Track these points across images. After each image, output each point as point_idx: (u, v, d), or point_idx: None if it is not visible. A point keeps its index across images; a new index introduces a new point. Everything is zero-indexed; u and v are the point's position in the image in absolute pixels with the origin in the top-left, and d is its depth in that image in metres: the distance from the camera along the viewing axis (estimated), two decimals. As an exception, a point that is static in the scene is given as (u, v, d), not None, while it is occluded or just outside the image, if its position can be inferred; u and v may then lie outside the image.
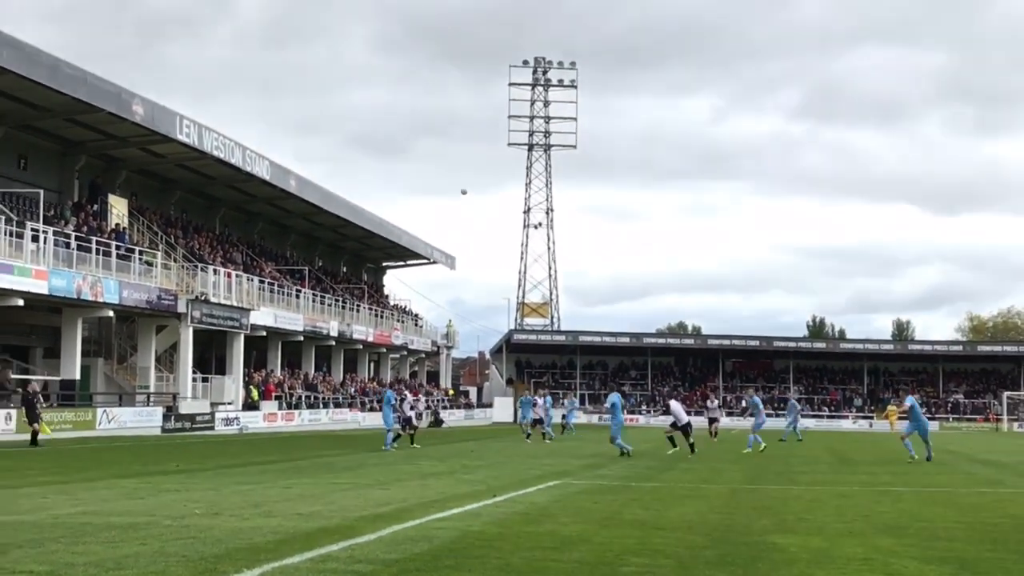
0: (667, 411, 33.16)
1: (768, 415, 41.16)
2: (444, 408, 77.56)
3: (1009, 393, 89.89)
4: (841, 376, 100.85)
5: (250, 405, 56.09)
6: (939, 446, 37.97)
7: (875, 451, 37.54)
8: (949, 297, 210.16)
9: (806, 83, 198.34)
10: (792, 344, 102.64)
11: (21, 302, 41.19)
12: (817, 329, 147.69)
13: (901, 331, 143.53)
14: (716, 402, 46.01)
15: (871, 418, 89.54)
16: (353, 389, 69.61)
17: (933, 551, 11.21)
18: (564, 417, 53.40)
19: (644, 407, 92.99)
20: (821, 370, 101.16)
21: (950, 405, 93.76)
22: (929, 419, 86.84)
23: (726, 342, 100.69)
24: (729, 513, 14.88)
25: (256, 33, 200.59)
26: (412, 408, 36.07)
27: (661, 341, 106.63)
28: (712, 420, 42.33)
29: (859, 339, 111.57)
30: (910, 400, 33.69)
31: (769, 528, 13.09)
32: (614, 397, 30.44)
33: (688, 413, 32.77)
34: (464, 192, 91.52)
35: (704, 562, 10.17)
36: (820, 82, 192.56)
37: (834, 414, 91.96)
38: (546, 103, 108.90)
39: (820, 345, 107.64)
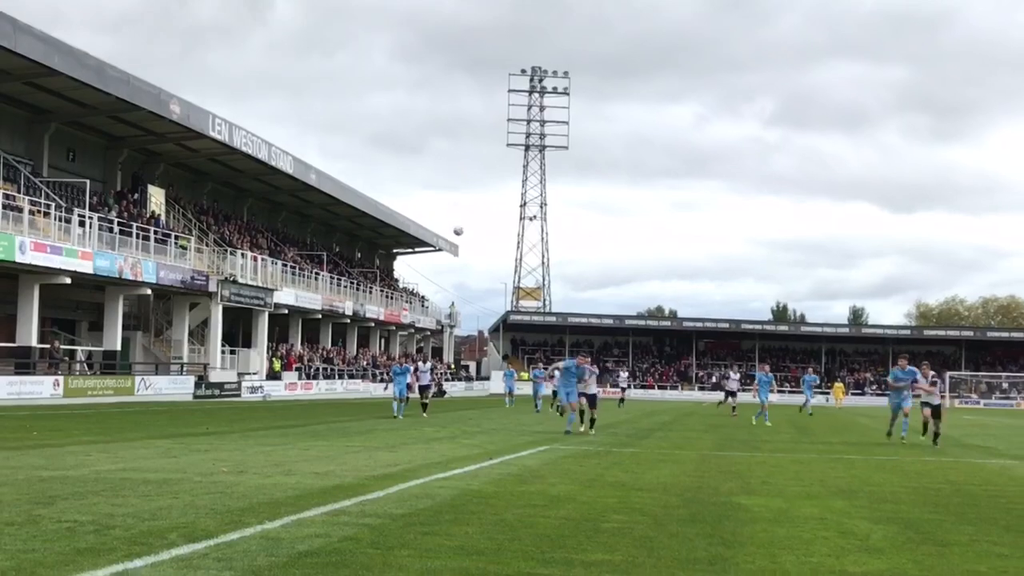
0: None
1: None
2: (447, 380, 77.58)
3: (951, 373, 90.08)
4: (801, 356, 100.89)
5: (273, 375, 56.22)
6: (886, 417, 37.99)
7: (831, 423, 37.59)
8: (900, 287, 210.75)
9: (780, 93, 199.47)
10: (758, 327, 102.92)
11: (69, 280, 41.40)
12: (781, 313, 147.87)
13: (856, 316, 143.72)
14: (736, 376, 43.97)
15: (828, 394, 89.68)
16: (365, 362, 69.64)
17: (881, 512, 11.22)
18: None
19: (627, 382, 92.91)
20: (784, 350, 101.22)
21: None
22: (877, 394, 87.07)
23: (699, 324, 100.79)
24: (699, 476, 14.90)
25: (288, 42, 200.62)
26: (427, 375, 36.54)
27: (641, 323, 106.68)
28: (730, 394, 41.88)
29: (818, 323, 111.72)
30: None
31: (735, 490, 13.11)
32: (566, 362, 28.47)
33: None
34: (459, 232, 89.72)
35: (677, 520, 10.18)
36: (793, 93, 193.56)
37: (794, 390, 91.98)
38: (541, 108, 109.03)
39: (783, 328, 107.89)
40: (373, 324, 73.57)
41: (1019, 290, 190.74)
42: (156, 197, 53.42)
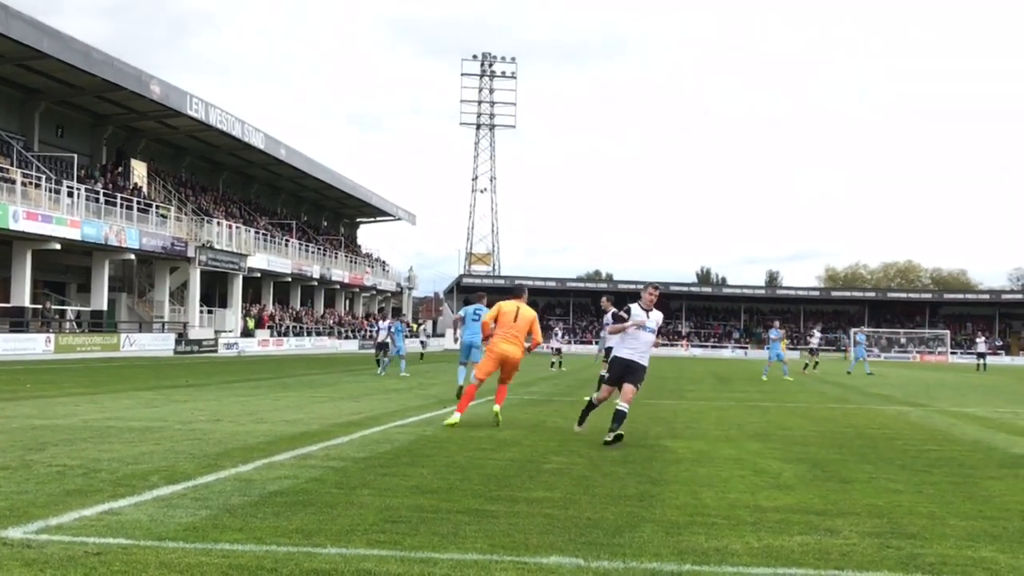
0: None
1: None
2: (407, 337, 77.51)
3: (855, 329, 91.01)
4: (723, 314, 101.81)
5: (247, 333, 55.85)
6: (797, 371, 38.46)
7: (748, 374, 37.93)
8: (812, 253, 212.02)
9: (710, 73, 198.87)
10: (685, 288, 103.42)
11: (59, 246, 41.05)
12: (704, 277, 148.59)
13: (772, 279, 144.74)
14: (818, 334, 42.69)
15: (746, 348, 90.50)
16: (331, 321, 69.38)
17: (791, 453, 11.35)
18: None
19: (567, 337, 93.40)
20: (707, 309, 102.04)
21: (808, 339, 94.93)
22: (791, 350, 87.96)
23: (632, 286, 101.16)
24: (631, 422, 14.84)
25: (266, 27, 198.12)
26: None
27: (581, 285, 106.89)
28: (812, 351, 40.62)
29: (737, 285, 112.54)
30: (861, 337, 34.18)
31: (662, 434, 13.22)
32: (464, 310, 26.14)
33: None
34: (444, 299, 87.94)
35: (610, 461, 10.24)
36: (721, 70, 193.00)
37: (716, 344, 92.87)
38: (491, 91, 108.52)
39: (707, 289, 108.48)
40: (339, 286, 73.35)
41: (916, 255, 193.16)
42: (139, 170, 52.82)
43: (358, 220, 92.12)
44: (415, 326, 75.00)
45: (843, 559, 6.08)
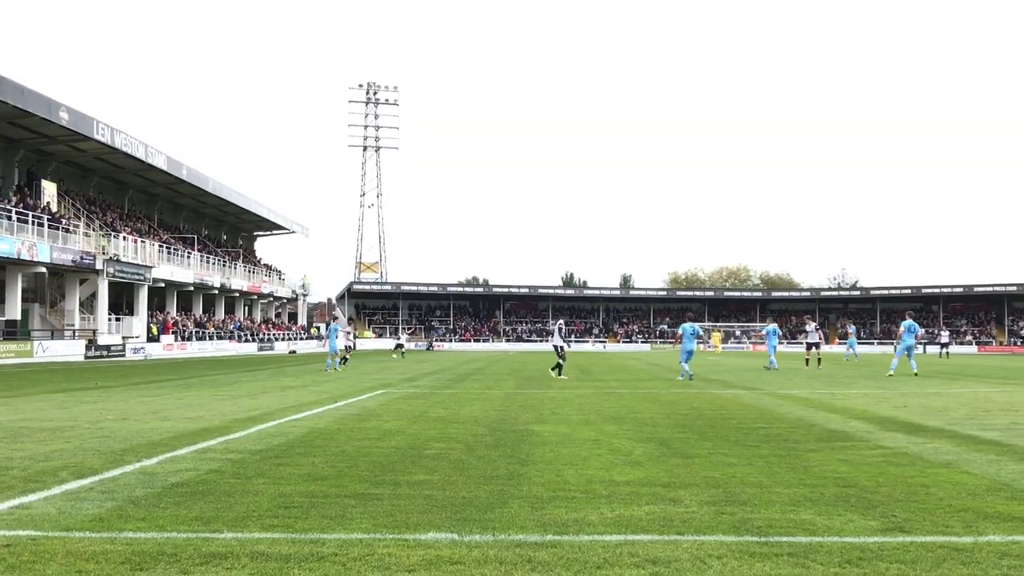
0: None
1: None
2: (302, 340, 76.33)
3: (698, 324, 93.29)
4: (585, 313, 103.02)
5: (152, 338, 54.26)
6: (648, 360, 39.14)
7: (606, 365, 38.41)
8: (658, 257, 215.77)
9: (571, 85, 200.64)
10: (551, 291, 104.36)
11: (-27, 261, 39.08)
12: (569, 280, 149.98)
13: (626, 281, 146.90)
14: (814, 326, 37.71)
15: (604, 342, 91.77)
16: (232, 326, 67.90)
17: (642, 434, 11.51)
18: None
19: (448, 336, 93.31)
20: (571, 308, 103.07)
21: (658, 332, 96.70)
22: (642, 342, 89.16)
23: (505, 289, 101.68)
24: (504, 410, 15.02)
25: (167, 54, 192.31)
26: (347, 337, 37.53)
27: (460, 289, 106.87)
28: (812, 345, 35.75)
29: (596, 286, 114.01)
30: (851, 328, 33.74)
31: (530, 420, 13.27)
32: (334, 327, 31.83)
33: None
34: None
35: (484, 445, 10.25)
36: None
37: (579, 340, 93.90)
38: (376, 116, 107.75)
39: (570, 291, 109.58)
40: (238, 294, 71.81)
41: (746, 258, 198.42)
42: (49, 190, 50.83)
43: (256, 233, 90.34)
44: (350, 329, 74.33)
45: (684, 525, 6.19)
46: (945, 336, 62.39)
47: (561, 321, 28.56)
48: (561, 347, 26.52)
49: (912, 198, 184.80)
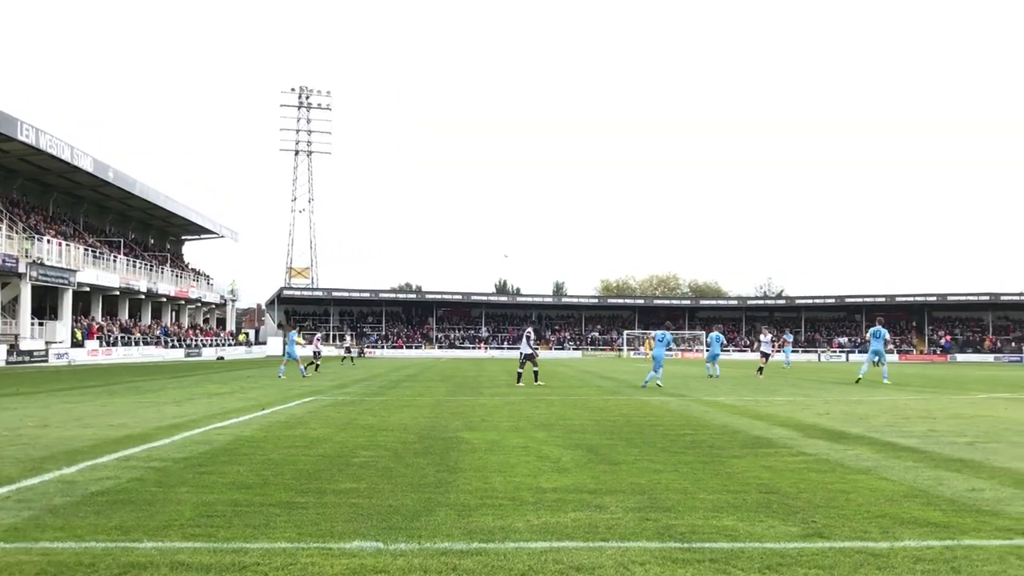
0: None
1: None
2: (230, 346, 75.30)
3: (627, 331, 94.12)
4: (518, 320, 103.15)
5: (76, 344, 53.03)
6: (580, 367, 39.31)
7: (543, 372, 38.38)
8: (591, 265, 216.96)
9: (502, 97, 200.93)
10: (484, 298, 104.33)
11: None
12: (502, 287, 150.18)
13: (558, 288, 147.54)
14: (770, 337, 37.70)
15: (537, 349, 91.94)
16: (158, 332, 66.68)
17: (571, 440, 11.55)
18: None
19: (380, 343, 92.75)
20: (504, 316, 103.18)
21: (589, 339, 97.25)
22: (574, 349, 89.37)
23: (438, 296, 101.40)
24: (433, 417, 14.95)
25: (94, 55, 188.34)
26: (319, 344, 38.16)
27: (392, 295, 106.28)
28: (765, 355, 36.00)
29: (529, 293, 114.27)
30: (788, 336, 34.04)
31: (460, 427, 13.23)
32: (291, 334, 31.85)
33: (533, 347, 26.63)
34: (506, 256, 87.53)
35: (413, 453, 10.19)
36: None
37: (512, 347, 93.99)
38: (308, 120, 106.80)
39: (503, 298, 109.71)
40: (165, 299, 70.52)
41: (676, 267, 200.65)
42: (-30, 192, 49.45)
43: (184, 237, 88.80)
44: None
45: (609, 531, 6.22)
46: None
47: (530, 329, 28.51)
48: (529, 355, 26.68)
49: (836, 208, 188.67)
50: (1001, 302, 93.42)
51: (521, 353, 26.80)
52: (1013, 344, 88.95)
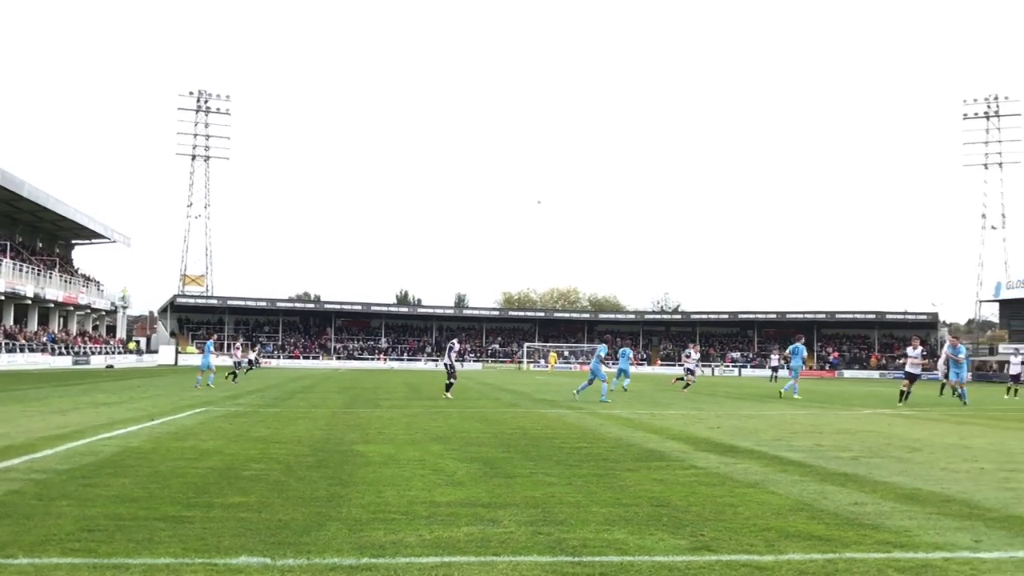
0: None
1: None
2: (120, 354, 73.21)
3: (527, 344, 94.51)
4: (418, 331, 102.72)
5: (-42, 350, 50.87)
6: (480, 379, 39.33)
7: (437, 385, 38.28)
8: (494, 277, 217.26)
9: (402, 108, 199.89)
10: (384, 308, 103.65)
11: None
12: (403, 297, 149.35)
13: (460, 300, 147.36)
14: (696, 356, 37.27)
15: (437, 360, 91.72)
16: (45, 338, 64.41)
17: (467, 453, 11.53)
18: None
19: (276, 353, 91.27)
20: (404, 327, 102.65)
21: (489, 351, 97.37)
22: (475, 361, 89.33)
23: (336, 306, 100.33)
24: (329, 430, 14.77)
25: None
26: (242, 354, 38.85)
27: (289, 305, 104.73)
28: (690, 371, 35.44)
29: (431, 305, 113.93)
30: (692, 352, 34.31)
31: (356, 440, 13.09)
32: (208, 344, 31.24)
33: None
34: (539, 202, 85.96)
35: (305, 466, 10.04)
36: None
37: (411, 358, 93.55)
38: (207, 124, 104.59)
39: (404, 309, 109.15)
40: (53, 305, 68.18)
41: (576, 281, 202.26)
42: None
43: (74, 242, 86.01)
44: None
45: (501, 546, 6.22)
46: (775, 359, 64.87)
47: (454, 340, 28.29)
48: (452, 366, 26.46)
49: (731, 226, 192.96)
50: (886, 320, 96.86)
51: (446, 364, 26.66)
52: (897, 361, 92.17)
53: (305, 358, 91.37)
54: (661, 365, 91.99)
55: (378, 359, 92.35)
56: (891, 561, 6.07)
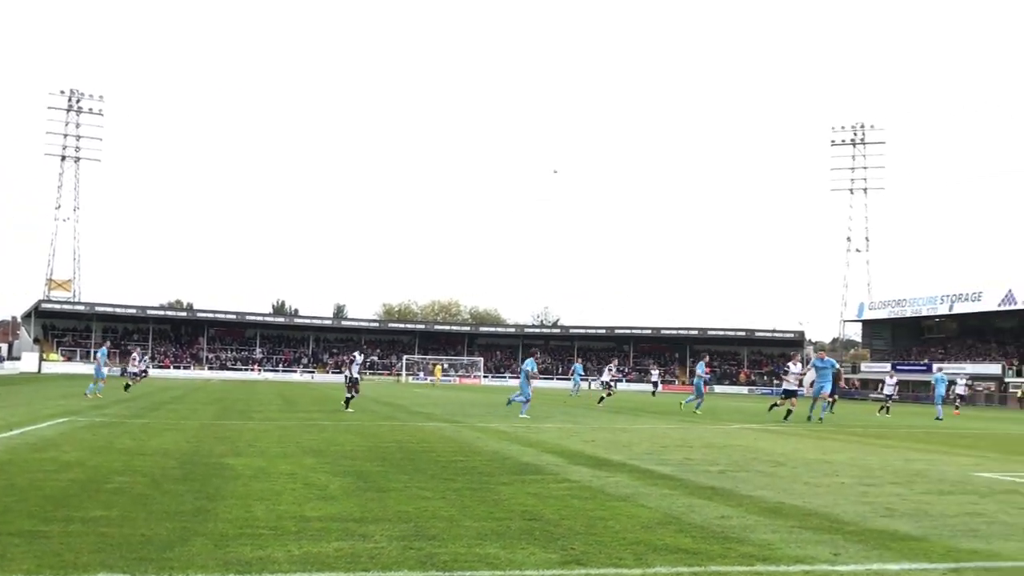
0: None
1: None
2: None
3: (407, 356, 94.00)
4: (294, 342, 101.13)
5: None
6: (364, 392, 38.80)
7: (313, 396, 37.82)
8: (374, 288, 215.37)
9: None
10: (260, 318, 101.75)
11: None
12: (279, 307, 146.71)
13: (339, 311, 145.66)
14: (614, 370, 38.84)
15: (313, 372, 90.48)
16: None
17: (341, 467, 11.38)
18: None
19: (151, 362, 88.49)
20: (280, 337, 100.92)
21: (368, 363, 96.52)
22: (352, 373, 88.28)
23: (210, 314, 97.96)
24: (198, 442, 14.38)
25: None
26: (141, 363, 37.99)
27: (161, 313, 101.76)
28: (608, 385, 37.14)
29: (308, 315, 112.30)
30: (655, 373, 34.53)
31: (226, 452, 12.79)
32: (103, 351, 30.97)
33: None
34: (555, 171, 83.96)
35: (171, 479, 9.76)
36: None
37: (287, 369, 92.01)
38: (78, 125, 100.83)
39: (280, 319, 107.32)
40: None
41: (457, 294, 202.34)
42: None
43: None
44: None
45: (371, 561, 6.15)
46: (655, 375, 65.96)
47: (356, 352, 27.74)
48: (354, 379, 25.59)
49: (610, 243, 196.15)
50: (755, 338, 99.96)
51: (346, 377, 25.95)
52: (765, 377, 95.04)
53: (176, 368, 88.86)
54: (541, 379, 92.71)
55: (252, 370, 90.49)
56: (754, 574, 6.24)
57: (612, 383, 37.78)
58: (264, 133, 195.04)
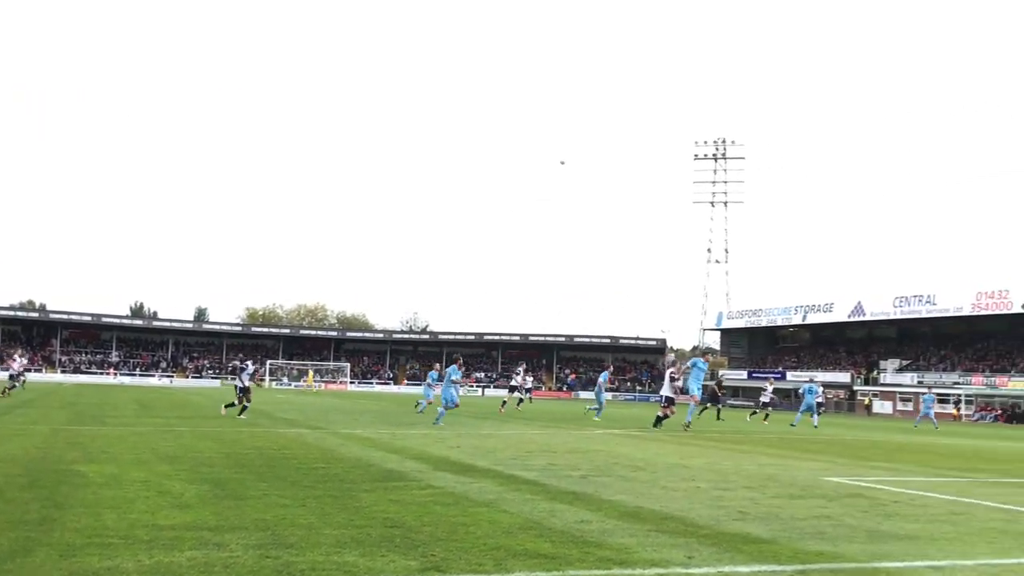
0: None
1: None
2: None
3: (271, 361, 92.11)
4: (153, 346, 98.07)
5: None
6: (217, 396, 37.90)
7: (170, 401, 36.68)
8: (238, 291, 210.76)
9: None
10: (116, 320, 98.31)
11: None
12: (138, 310, 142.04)
13: (200, 314, 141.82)
14: (527, 376, 39.85)
15: (172, 376, 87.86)
16: None
17: (198, 474, 11.09)
18: None
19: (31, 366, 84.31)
20: (138, 340, 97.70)
21: (230, 368, 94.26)
22: (213, 378, 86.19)
23: (64, 316, 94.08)
24: (47, 448, 13.79)
25: None
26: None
27: (10, 313, 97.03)
28: (528, 390, 38.53)
29: (168, 318, 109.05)
30: (604, 375, 33.66)
31: (77, 459, 12.30)
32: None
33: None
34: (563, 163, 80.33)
35: (16, 487, 9.32)
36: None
37: (144, 373, 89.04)
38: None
39: (138, 322, 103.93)
40: None
41: (324, 298, 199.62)
42: None
43: None
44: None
45: (226, 570, 6.01)
46: (530, 382, 66.20)
47: (248, 362, 26.67)
48: (246, 388, 24.52)
49: (480, 248, 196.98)
50: (620, 345, 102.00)
51: (237, 387, 24.94)
52: (629, 384, 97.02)
53: (27, 371, 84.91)
54: (408, 384, 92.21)
55: (108, 374, 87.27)
56: (612, 577, 6.36)
57: (527, 389, 38.86)
58: (122, 122, 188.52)
